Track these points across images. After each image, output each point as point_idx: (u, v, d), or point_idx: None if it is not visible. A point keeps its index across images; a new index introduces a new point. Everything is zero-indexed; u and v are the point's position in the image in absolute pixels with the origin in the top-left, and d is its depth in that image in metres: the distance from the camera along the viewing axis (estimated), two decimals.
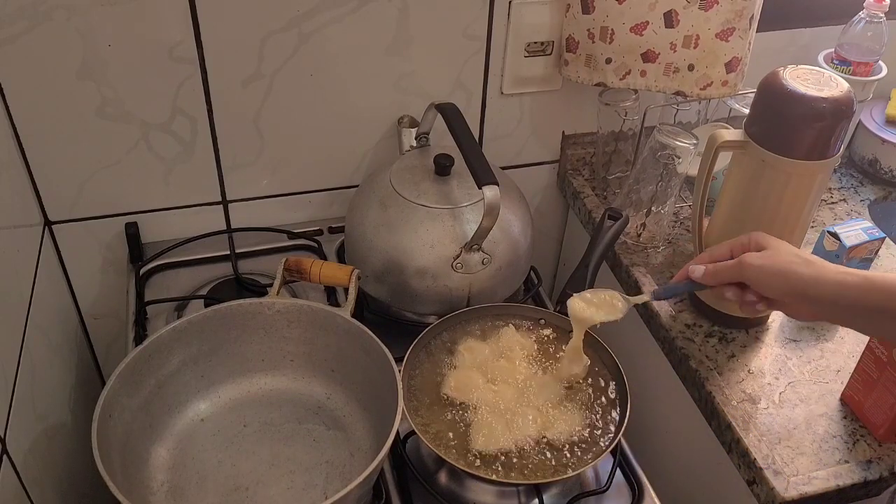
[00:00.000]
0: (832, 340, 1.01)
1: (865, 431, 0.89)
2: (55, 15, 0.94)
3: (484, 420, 0.85)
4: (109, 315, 1.22)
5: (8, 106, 0.98)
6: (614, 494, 0.89)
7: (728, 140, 0.90)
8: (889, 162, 1.27)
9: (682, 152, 1.05)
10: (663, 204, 1.09)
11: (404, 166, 1.05)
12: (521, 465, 0.82)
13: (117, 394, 0.80)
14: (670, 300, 1.04)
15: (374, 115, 1.15)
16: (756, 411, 0.91)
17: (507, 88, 1.18)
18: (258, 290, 1.08)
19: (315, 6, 1.02)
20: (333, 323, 0.90)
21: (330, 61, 1.08)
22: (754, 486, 0.86)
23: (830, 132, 0.86)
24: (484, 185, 0.92)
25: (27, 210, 1.04)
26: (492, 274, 1.00)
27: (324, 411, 0.91)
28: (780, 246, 0.78)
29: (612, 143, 1.20)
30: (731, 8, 1.05)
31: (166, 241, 1.14)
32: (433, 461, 0.90)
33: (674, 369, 1.00)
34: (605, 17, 1.07)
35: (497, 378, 0.90)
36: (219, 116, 1.08)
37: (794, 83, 0.86)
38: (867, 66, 1.21)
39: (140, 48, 0.99)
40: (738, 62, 1.09)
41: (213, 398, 0.91)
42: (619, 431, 0.85)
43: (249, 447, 0.88)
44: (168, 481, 0.83)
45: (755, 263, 0.77)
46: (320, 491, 0.84)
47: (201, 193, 1.15)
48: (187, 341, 0.88)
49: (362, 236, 1.02)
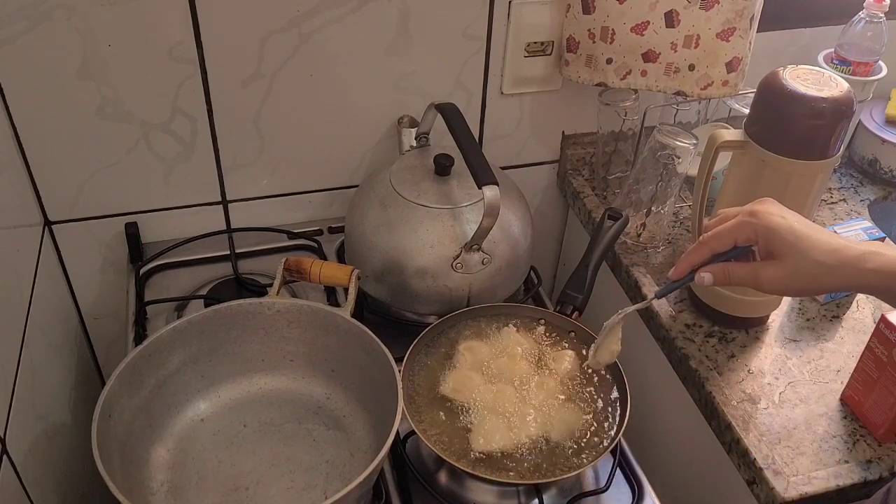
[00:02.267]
0: (832, 340, 1.01)
1: (865, 431, 0.89)
2: (55, 15, 0.94)
3: (484, 420, 0.85)
4: (109, 315, 1.22)
5: (8, 106, 0.98)
6: (614, 494, 0.89)
7: (728, 140, 0.90)
8: (889, 162, 1.27)
9: (682, 152, 1.05)
10: (663, 204, 1.09)
11: (404, 166, 1.05)
12: (521, 465, 0.82)
13: (117, 394, 0.80)
14: (670, 301, 1.04)
15: (374, 115, 1.15)
16: (756, 411, 0.91)
17: (507, 88, 1.18)
18: (258, 290, 1.08)
19: (315, 6, 1.02)
20: (333, 323, 0.90)
21: (330, 61, 1.08)
22: (754, 486, 0.86)
23: (830, 132, 0.86)
24: (484, 185, 0.92)
25: (27, 210, 1.04)
26: (492, 274, 1.00)
27: (324, 411, 0.91)
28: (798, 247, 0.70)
29: (612, 143, 1.20)
30: (731, 8, 1.05)
31: (166, 241, 1.14)
32: (433, 461, 0.90)
33: (674, 369, 1.00)
34: (606, 17, 1.07)
35: (497, 378, 0.90)
36: (219, 116, 1.08)
37: (794, 83, 0.86)
38: (867, 66, 1.21)
39: (140, 48, 0.99)
40: (739, 62, 1.09)
41: (213, 398, 0.91)
42: (619, 431, 0.85)
43: (249, 447, 0.88)
44: (168, 481, 0.83)
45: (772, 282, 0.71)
46: (320, 491, 0.84)
47: (201, 193, 1.15)
48: (187, 341, 0.88)
49: (362, 236, 1.02)
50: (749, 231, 0.73)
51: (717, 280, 0.75)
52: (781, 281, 0.71)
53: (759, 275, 0.72)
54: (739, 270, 0.74)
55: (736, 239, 0.74)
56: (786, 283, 0.71)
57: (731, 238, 0.74)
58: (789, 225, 0.71)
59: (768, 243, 0.72)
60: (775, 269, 0.71)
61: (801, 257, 0.70)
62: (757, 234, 0.72)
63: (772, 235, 0.71)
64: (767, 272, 0.72)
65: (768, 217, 0.72)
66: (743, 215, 0.74)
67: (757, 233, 0.72)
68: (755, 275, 0.73)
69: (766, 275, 0.72)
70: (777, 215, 0.72)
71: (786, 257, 0.71)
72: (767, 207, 0.73)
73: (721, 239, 0.75)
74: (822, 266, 0.70)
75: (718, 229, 0.75)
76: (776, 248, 0.71)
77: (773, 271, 0.72)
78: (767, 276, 0.72)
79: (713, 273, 0.75)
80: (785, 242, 0.71)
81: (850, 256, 0.70)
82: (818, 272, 0.70)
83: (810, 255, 0.70)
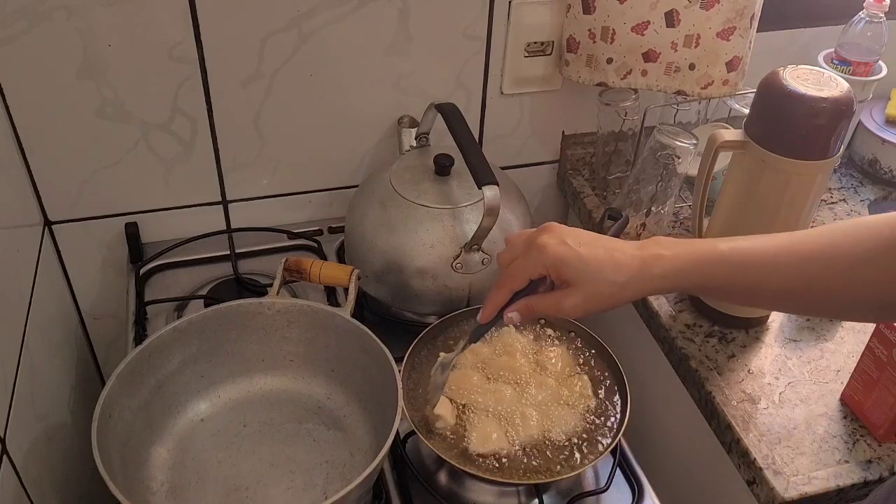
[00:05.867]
0: (832, 340, 1.01)
1: (865, 431, 0.89)
2: (55, 15, 0.94)
3: (484, 420, 0.85)
4: (109, 315, 1.22)
5: (8, 106, 0.98)
6: (614, 494, 0.89)
7: (728, 140, 0.90)
8: (889, 162, 1.27)
9: (682, 152, 1.05)
10: (663, 204, 1.09)
11: (404, 166, 1.05)
12: (521, 465, 0.82)
13: (117, 394, 0.80)
14: (670, 301, 1.04)
15: (374, 115, 1.15)
16: (756, 411, 0.91)
17: (507, 88, 1.18)
18: (258, 290, 1.08)
19: (315, 6, 1.02)
20: (333, 323, 0.90)
21: (330, 61, 1.08)
22: (754, 486, 0.86)
23: (830, 132, 0.86)
24: (484, 185, 0.92)
25: (27, 210, 1.04)
26: (492, 274, 1.00)
27: (324, 411, 0.91)
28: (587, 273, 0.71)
29: (612, 143, 1.20)
30: (731, 7, 1.05)
31: (166, 241, 1.14)
32: (433, 461, 0.90)
33: (674, 369, 1.00)
34: (606, 16, 1.07)
35: (497, 378, 0.90)
36: (219, 116, 1.08)
37: (794, 83, 0.86)
38: (867, 66, 1.21)
39: (140, 48, 0.99)
40: (739, 61, 1.09)
41: (213, 398, 0.91)
42: (619, 431, 0.85)
43: (249, 447, 0.88)
44: (168, 481, 0.83)
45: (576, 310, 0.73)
46: (320, 491, 0.84)
47: (201, 193, 1.15)
48: (187, 341, 0.88)
49: (362, 236, 1.02)
50: (538, 266, 0.73)
51: (524, 317, 0.76)
52: (582, 306, 0.72)
53: (560, 304, 0.73)
54: (542, 303, 0.75)
55: (529, 275, 0.75)
56: (586, 308, 0.73)
57: (525, 275, 0.75)
58: (574, 252, 0.72)
59: (559, 274, 0.73)
60: (573, 297, 0.72)
61: (593, 281, 0.71)
62: (546, 268, 0.73)
63: (560, 266, 0.72)
64: (568, 301, 0.73)
65: (553, 249, 0.72)
66: (530, 250, 0.74)
67: (546, 266, 0.73)
68: (557, 305, 0.74)
69: (567, 303, 0.73)
70: (560, 244, 0.72)
71: (579, 283, 0.72)
72: (550, 238, 0.73)
73: (516, 278, 0.76)
74: (615, 285, 0.71)
75: (512, 269, 0.76)
76: (568, 277, 0.72)
77: (572, 299, 0.72)
78: (568, 304, 0.73)
79: (519, 311, 0.76)
80: (574, 270, 0.72)
81: (636, 268, 0.71)
82: (612, 291, 0.71)
83: (600, 277, 0.71)
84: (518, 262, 0.75)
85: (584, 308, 0.72)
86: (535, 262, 0.73)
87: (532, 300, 0.76)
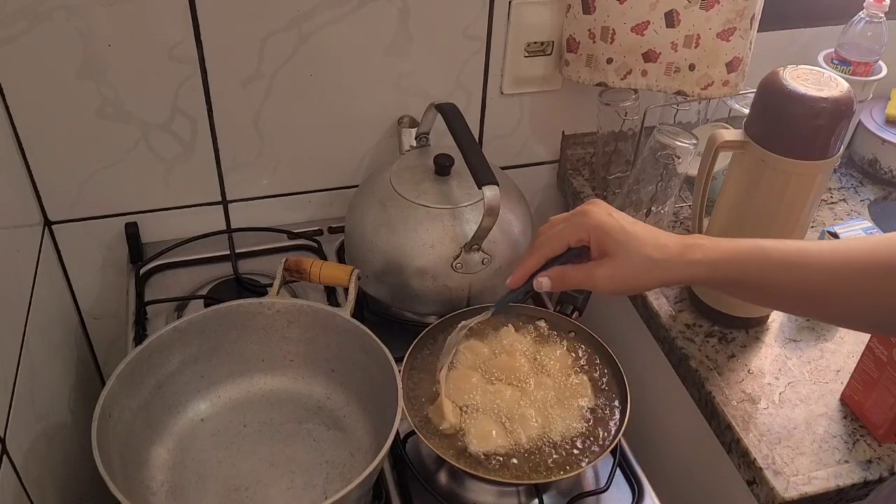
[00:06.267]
0: (832, 340, 1.01)
1: (865, 431, 0.89)
2: (55, 15, 0.94)
3: (484, 420, 0.85)
4: (109, 315, 1.22)
5: (8, 106, 0.98)
6: (614, 494, 0.89)
7: (728, 140, 0.90)
8: (889, 162, 1.27)
9: (682, 152, 1.05)
10: (663, 204, 1.09)
11: (404, 166, 1.05)
12: (521, 465, 0.82)
13: (117, 394, 0.80)
14: (670, 300, 1.04)
15: (374, 115, 1.15)
16: (756, 411, 0.91)
17: (507, 88, 1.18)
18: (258, 290, 1.08)
19: (315, 6, 1.02)
20: (333, 323, 0.90)
21: (330, 61, 1.08)
22: (754, 486, 0.86)
23: (830, 132, 0.86)
24: (484, 185, 0.92)
25: (27, 210, 1.04)
26: (492, 274, 1.00)
27: (324, 411, 0.91)
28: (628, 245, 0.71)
29: (612, 143, 1.20)
30: (732, 8, 1.05)
31: (166, 241, 1.14)
32: (433, 461, 0.90)
33: (674, 369, 1.00)
34: (606, 16, 1.07)
35: (497, 378, 0.90)
36: (219, 116, 1.08)
37: (794, 83, 0.86)
38: (867, 66, 1.21)
39: (140, 48, 0.99)
40: (739, 62, 1.09)
41: (213, 398, 0.91)
42: (619, 431, 0.85)
43: (249, 447, 0.88)
44: (168, 481, 0.83)
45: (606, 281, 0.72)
46: (320, 491, 0.84)
47: (201, 193, 1.15)
48: (187, 341, 0.88)
49: (362, 236, 1.02)
50: (581, 231, 0.73)
51: (554, 284, 0.76)
52: (615, 279, 0.72)
53: (593, 275, 0.73)
54: (575, 272, 0.75)
55: (569, 241, 0.75)
56: (617, 282, 0.72)
57: (564, 240, 0.75)
58: (618, 223, 0.72)
59: (600, 241, 0.73)
60: (608, 268, 0.72)
61: (631, 253, 0.71)
62: (588, 234, 0.73)
63: (602, 234, 0.72)
64: (601, 271, 0.73)
65: (598, 216, 0.73)
66: (572, 217, 0.75)
67: (588, 232, 0.73)
68: (590, 275, 0.73)
69: (600, 274, 0.73)
70: (605, 214, 0.73)
71: (617, 255, 0.72)
72: (595, 207, 0.74)
73: (554, 243, 0.75)
74: (651, 261, 0.71)
75: (551, 233, 0.76)
76: (607, 245, 0.72)
77: (606, 270, 0.72)
78: (601, 275, 0.73)
79: (550, 278, 0.76)
80: (615, 240, 0.72)
81: (674, 250, 0.71)
82: (648, 267, 0.71)
83: (640, 251, 0.71)
84: (560, 229, 0.75)
85: (616, 282, 0.72)
86: (577, 227, 0.73)
87: (566, 268, 0.75)
